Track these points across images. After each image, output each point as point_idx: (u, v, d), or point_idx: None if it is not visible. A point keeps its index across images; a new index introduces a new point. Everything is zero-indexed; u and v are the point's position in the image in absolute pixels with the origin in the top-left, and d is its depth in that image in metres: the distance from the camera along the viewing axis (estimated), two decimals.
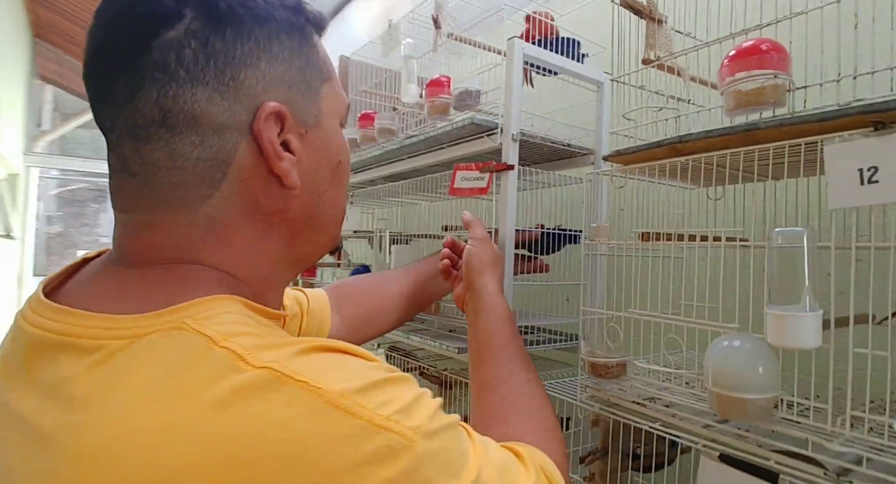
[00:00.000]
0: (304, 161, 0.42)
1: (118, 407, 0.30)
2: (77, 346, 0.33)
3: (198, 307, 0.35)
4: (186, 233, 0.38)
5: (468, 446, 0.38)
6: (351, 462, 0.30)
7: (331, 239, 0.49)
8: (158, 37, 0.36)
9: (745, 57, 0.59)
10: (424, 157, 1.17)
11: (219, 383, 0.30)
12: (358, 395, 0.32)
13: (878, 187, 0.50)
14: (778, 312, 0.54)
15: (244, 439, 0.29)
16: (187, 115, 0.37)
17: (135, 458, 0.28)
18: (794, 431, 0.58)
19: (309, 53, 0.43)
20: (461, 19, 1.13)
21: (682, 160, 0.68)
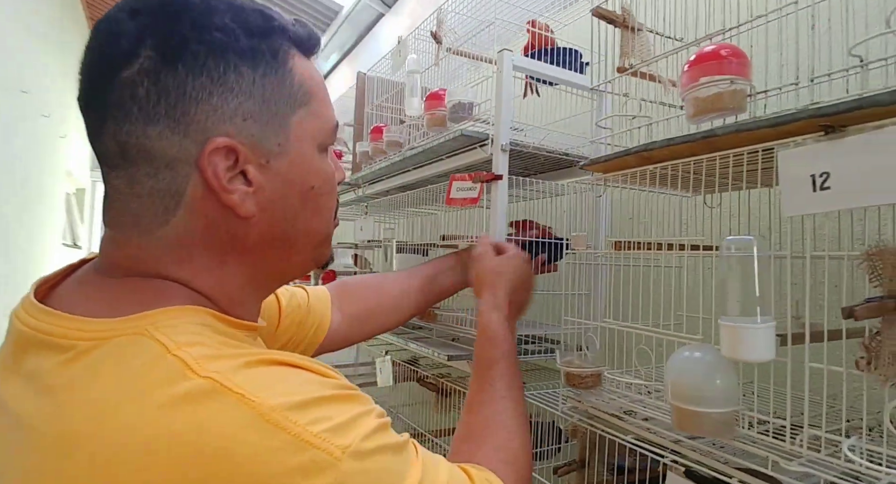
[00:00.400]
0: (265, 189, 0.42)
1: (82, 400, 0.34)
2: (54, 344, 0.36)
3: (162, 316, 0.37)
4: (150, 252, 0.41)
5: (406, 467, 0.39)
6: (275, 473, 0.32)
7: (308, 259, 0.49)
8: (116, 76, 0.38)
9: (702, 63, 0.58)
10: (428, 168, 1.19)
11: (166, 388, 0.33)
12: (291, 410, 0.34)
13: (829, 194, 0.48)
14: (729, 324, 0.52)
15: (180, 441, 0.32)
16: (141, 149, 0.39)
17: (88, 445, 0.32)
18: (757, 449, 0.56)
19: (277, 81, 0.42)
20: (481, 36, 1.16)
21: (651, 168, 0.67)
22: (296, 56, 0.44)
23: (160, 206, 0.40)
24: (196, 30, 0.38)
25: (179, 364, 0.34)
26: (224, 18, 0.40)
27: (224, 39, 0.39)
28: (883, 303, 0.45)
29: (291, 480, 0.32)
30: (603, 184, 0.78)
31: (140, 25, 0.38)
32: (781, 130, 0.52)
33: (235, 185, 0.41)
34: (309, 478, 0.32)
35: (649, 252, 0.66)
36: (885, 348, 0.46)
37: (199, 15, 0.39)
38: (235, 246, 0.44)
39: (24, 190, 2.65)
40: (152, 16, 0.38)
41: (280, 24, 0.43)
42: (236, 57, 0.40)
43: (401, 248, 1.29)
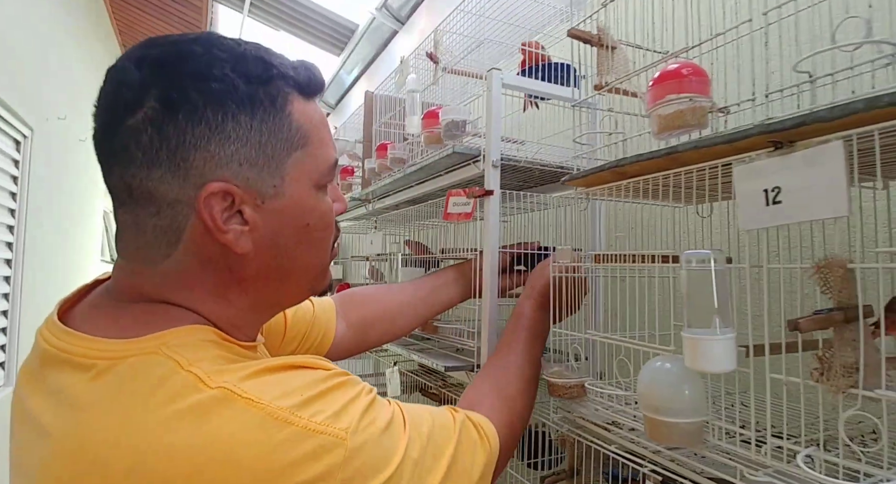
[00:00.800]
0: (261, 228, 0.45)
1: (104, 414, 0.38)
2: (75, 362, 0.41)
3: (171, 336, 0.41)
4: (155, 281, 0.45)
5: (397, 431, 0.45)
6: (288, 461, 0.37)
7: (306, 289, 0.53)
8: (123, 123, 0.41)
9: (664, 81, 0.60)
10: (429, 184, 1.23)
11: (181, 400, 0.37)
12: (295, 408, 0.39)
13: (781, 208, 0.49)
14: (690, 336, 0.54)
15: (197, 446, 0.36)
16: (145, 190, 0.42)
17: (109, 456, 0.36)
18: (727, 459, 0.57)
19: (274, 127, 0.45)
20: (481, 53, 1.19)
21: (625, 182, 0.69)
22: (295, 100, 0.47)
23: (162, 242, 0.44)
24: (196, 81, 0.41)
25: (193, 378, 0.38)
26: (224, 69, 0.42)
27: (223, 89, 0.42)
28: (829, 315, 0.46)
29: (304, 464, 0.37)
30: (586, 197, 0.80)
31: (145, 76, 0.41)
32: (736, 146, 0.53)
33: (231, 224, 0.44)
34: (319, 459, 0.38)
35: (625, 265, 0.68)
36: (836, 360, 0.47)
37: (200, 67, 0.42)
38: (234, 278, 0.47)
39: (66, 210, 2.81)
40: (156, 68, 0.42)
41: (280, 71, 0.46)
42: (234, 105, 0.42)
43: (406, 261, 1.32)
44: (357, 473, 0.39)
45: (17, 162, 2.10)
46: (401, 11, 2.71)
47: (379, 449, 0.42)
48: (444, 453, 0.49)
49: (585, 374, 0.76)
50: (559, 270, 0.80)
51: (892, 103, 0.42)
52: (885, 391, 0.44)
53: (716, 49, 0.61)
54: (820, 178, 0.46)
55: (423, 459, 0.46)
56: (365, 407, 0.43)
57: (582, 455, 0.77)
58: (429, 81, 1.25)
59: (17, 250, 2.09)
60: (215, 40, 0.44)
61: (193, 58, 0.42)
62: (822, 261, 0.48)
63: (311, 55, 3.55)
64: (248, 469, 0.36)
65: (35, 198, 2.21)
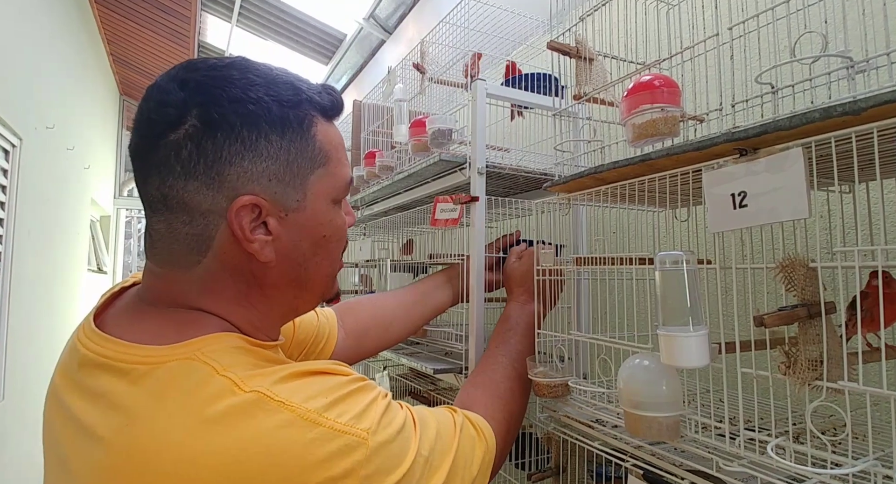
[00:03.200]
0: (283, 238, 0.49)
1: (148, 417, 0.41)
2: (115, 367, 0.43)
3: (204, 343, 0.44)
4: (186, 287, 0.48)
5: (410, 432, 0.48)
6: (318, 458, 0.40)
7: (318, 296, 0.56)
8: (164, 138, 0.45)
9: (637, 92, 0.63)
10: (417, 191, 1.25)
11: (218, 403, 0.40)
12: (322, 409, 0.42)
13: (747, 211, 0.52)
14: (664, 333, 0.56)
15: (236, 445, 0.39)
16: (180, 200, 0.46)
17: (153, 456, 0.39)
18: (703, 451, 0.59)
19: (301, 146, 0.49)
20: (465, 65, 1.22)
21: (604, 188, 0.72)
22: (319, 122, 0.50)
23: (193, 248, 0.47)
24: (234, 103, 0.45)
25: (228, 383, 0.41)
26: (259, 92, 0.46)
27: (258, 111, 0.46)
28: (793, 311, 0.49)
29: (331, 462, 0.40)
30: (568, 202, 0.83)
31: (187, 96, 0.45)
32: (706, 153, 0.56)
33: (257, 234, 0.47)
34: (346, 457, 0.41)
35: (605, 267, 0.70)
36: (801, 354, 0.50)
37: (238, 89, 0.46)
38: (257, 284, 0.50)
39: (54, 219, 2.79)
40: (198, 89, 0.45)
41: (307, 96, 0.49)
42: (267, 126, 0.46)
43: (395, 266, 1.34)
44: (377, 470, 0.43)
45: (5, 171, 2.09)
46: (388, 21, 2.75)
47: (395, 448, 0.45)
48: (449, 451, 0.52)
49: (570, 374, 0.78)
50: (543, 273, 0.82)
51: (846, 113, 0.45)
52: (848, 383, 0.47)
53: (685, 61, 0.64)
54: (782, 183, 0.49)
55: (431, 456, 0.49)
56: (383, 410, 0.46)
57: (567, 453, 0.79)
58: (416, 91, 1.28)
59: (4, 259, 2.08)
60: (250, 65, 0.48)
61: (231, 81, 0.46)
62: (785, 260, 0.50)
63: (298, 64, 3.58)
64: (283, 465, 0.39)
65: (23, 207, 2.21)
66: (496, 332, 0.87)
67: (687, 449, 0.62)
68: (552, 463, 0.82)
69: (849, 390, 0.46)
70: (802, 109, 0.49)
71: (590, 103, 0.79)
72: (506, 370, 0.78)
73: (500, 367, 0.79)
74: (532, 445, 0.95)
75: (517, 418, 0.73)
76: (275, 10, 3.16)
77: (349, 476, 0.41)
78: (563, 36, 0.80)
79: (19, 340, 2.21)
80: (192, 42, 3.58)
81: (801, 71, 0.54)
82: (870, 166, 0.53)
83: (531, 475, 0.82)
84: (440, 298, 1.02)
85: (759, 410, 0.61)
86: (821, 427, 0.63)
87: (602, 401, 0.74)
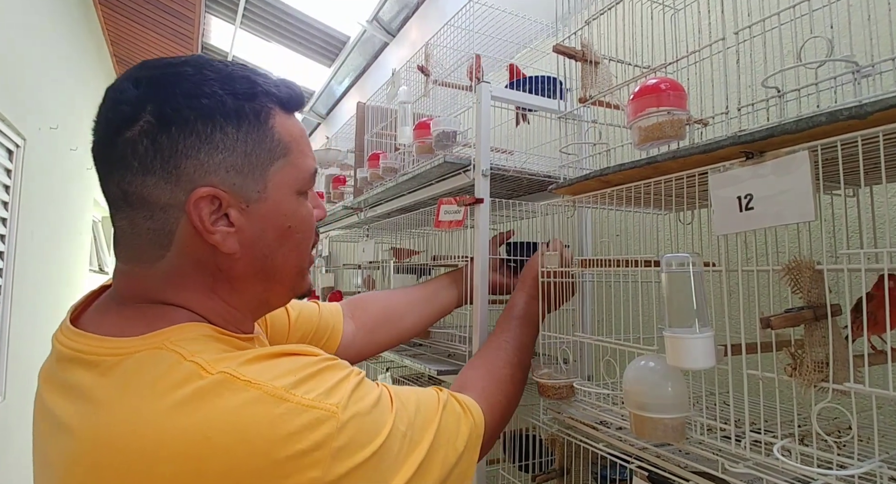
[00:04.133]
0: (246, 229, 0.49)
1: (113, 404, 0.41)
2: (85, 360, 0.44)
3: (173, 332, 0.45)
4: (152, 282, 0.49)
5: (385, 407, 0.48)
6: (286, 432, 0.40)
7: (288, 289, 0.56)
8: (120, 136, 0.45)
9: (644, 96, 0.63)
10: (420, 193, 1.26)
11: (185, 387, 0.41)
12: (289, 386, 0.43)
13: (753, 214, 0.53)
14: (670, 335, 0.57)
15: (202, 423, 0.39)
16: (140, 196, 0.46)
17: (121, 442, 0.39)
18: (708, 453, 0.59)
19: (258, 138, 0.49)
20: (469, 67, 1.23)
21: (609, 190, 0.72)
22: (277, 114, 0.51)
23: (156, 243, 0.48)
24: (188, 97, 0.46)
25: (195, 367, 0.42)
26: (213, 87, 0.47)
27: (212, 105, 0.46)
28: (800, 313, 0.49)
29: (301, 435, 0.40)
30: (573, 205, 0.83)
31: (141, 94, 0.46)
32: (712, 156, 0.57)
33: (218, 226, 0.48)
34: (314, 430, 0.41)
35: (609, 269, 0.71)
36: (807, 355, 0.50)
37: (191, 85, 0.46)
38: (224, 277, 0.51)
39: (57, 219, 2.80)
40: (152, 86, 0.46)
41: (263, 89, 0.50)
42: (222, 118, 0.47)
43: (399, 268, 1.35)
44: (350, 443, 0.43)
45: (9, 171, 2.10)
46: (391, 24, 2.76)
47: (368, 422, 0.45)
48: (429, 426, 0.52)
49: (574, 375, 0.79)
50: (547, 275, 0.83)
51: (853, 117, 0.46)
52: (854, 384, 0.47)
53: (692, 65, 0.65)
54: (788, 186, 0.50)
55: (411, 431, 0.49)
56: (354, 386, 0.47)
57: (572, 455, 0.79)
58: (420, 93, 1.29)
59: (7, 259, 2.08)
60: (205, 62, 0.49)
61: (185, 77, 0.47)
62: (791, 263, 0.51)
63: (302, 66, 3.59)
64: (250, 441, 0.39)
65: (27, 207, 2.21)
66: (502, 318, 0.87)
67: (692, 451, 0.63)
68: (556, 465, 0.82)
69: (855, 392, 0.46)
70: (808, 113, 0.49)
71: (595, 106, 0.80)
72: (507, 356, 0.79)
73: (501, 352, 0.80)
74: (536, 446, 0.95)
75: (513, 403, 0.74)
76: (278, 13, 3.17)
77: (319, 448, 0.41)
78: (569, 39, 0.81)
79: (21, 340, 2.22)
80: (195, 44, 3.60)
81: (806, 75, 0.54)
82: (875, 170, 0.53)
83: (535, 477, 0.82)
84: (447, 298, 1.03)
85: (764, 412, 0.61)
86: (825, 429, 0.63)
87: (606, 402, 0.74)
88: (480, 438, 0.59)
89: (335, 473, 0.41)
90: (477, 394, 0.65)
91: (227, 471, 0.38)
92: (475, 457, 0.57)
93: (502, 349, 0.80)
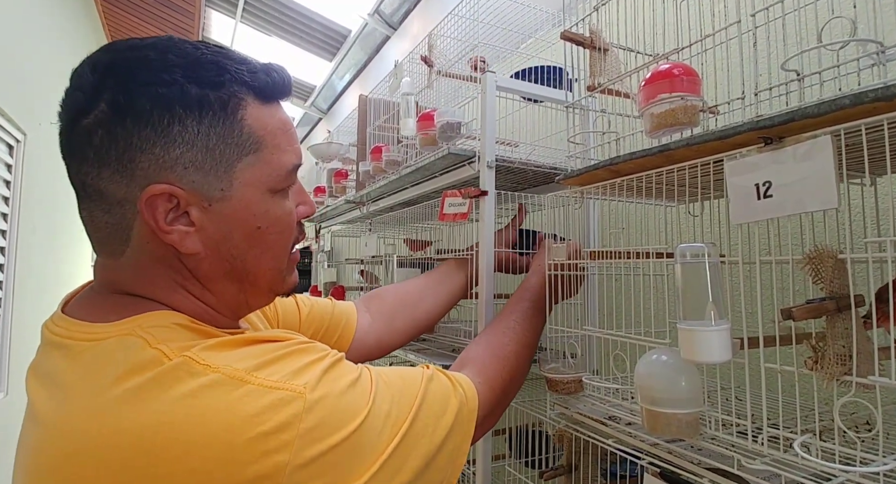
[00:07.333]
0: (208, 229, 0.46)
1: (77, 392, 0.40)
2: (62, 344, 0.44)
3: (146, 318, 0.44)
4: (120, 274, 0.47)
5: (364, 387, 0.46)
6: (247, 414, 0.38)
7: (266, 289, 0.53)
8: (77, 124, 0.43)
9: (656, 81, 0.61)
10: (424, 186, 1.24)
11: (145, 373, 0.39)
12: (251, 369, 0.41)
13: (772, 201, 0.51)
14: (685, 327, 0.55)
15: (159, 409, 0.38)
16: (96, 188, 0.44)
17: (81, 429, 0.38)
18: (724, 450, 0.58)
19: (224, 131, 0.45)
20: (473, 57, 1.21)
21: (619, 180, 0.70)
22: (249, 105, 0.46)
23: (115, 238, 0.46)
24: (145, 86, 0.42)
25: (158, 354, 0.40)
26: (175, 74, 0.43)
27: (170, 94, 0.43)
28: (822, 304, 0.47)
29: (263, 416, 0.38)
30: (581, 196, 0.81)
31: (97, 80, 0.43)
32: (728, 143, 0.55)
33: (176, 225, 0.45)
34: (279, 410, 0.39)
35: (619, 260, 0.69)
36: (829, 348, 0.48)
37: (150, 72, 0.43)
38: (193, 276, 0.48)
39: (58, 215, 2.78)
40: (108, 72, 0.43)
41: (234, 76, 0.46)
42: (182, 110, 0.43)
43: (402, 262, 1.33)
44: (320, 424, 0.40)
45: (9, 166, 2.09)
46: (393, 17, 2.73)
47: (342, 403, 0.43)
48: (413, 401, 0.50)
49: (582, 370, 0.77)
50: (554, 267, 0.81)
51: (878, 99, 0.44)
52: (879, 378, 0.45)
53: (705, 51, 0.63)
54: (810, 172, 0.48)
55: (393, 409, 0.47)
56: (326, 367, 0.44)
57: (580, 451, 0.78)
58: (423, 85, 1.26)
59: (9, 255, 2.07)
60: (172, 45, 0.45)
61: (146, 63, 0.43)
62: (812, 252, 0.49)
63: (302, 60, 3.56)
64: (208, 425, 0.37)
65: (27, 203, 2.20)
66: (513, 298, 0.85)
67: (705, 447, 0.61)
68: (564, 461, 0.80)
69: (879, 386, 0.45)
70: (830, 96, 0.47)
71: (604, 95, 0.78)
72: (515, 335, 0.77)
73: (509, 331, 0.78)
74: (543, 442, 0.93)
75: (516, 382, 0.72)
76: (279, 6, 3.14)
77: (285, 430, 0.38)
78: (577, 26, 0.79)
79: (24, 335, 2.21)
80: (195, 38, 3.57)
81: (829, 59, 0.52)
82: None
83: (543, 473, 0.81)
84: (457, 281, 1.01)
85: (780, 407, 0.60)
86: (844, 425, 0.61)
87: (616, 397, 0.73)
88: (474, 413, 0.56)
89: (305, 456, 0.39)
90: (477, 370, 0.64)
91: (182, 457, 0.37)
92: (469, 432, 0.54)
93: (511, 329, 0.78)
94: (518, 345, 0.75)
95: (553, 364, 0.81)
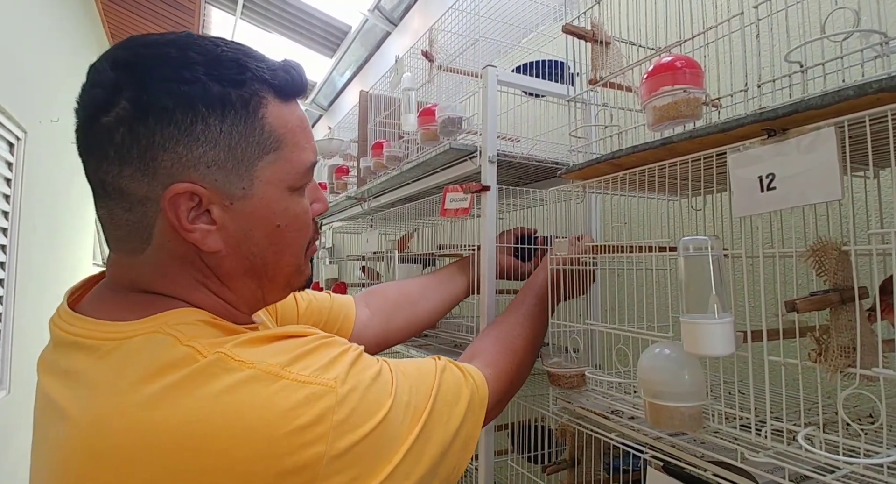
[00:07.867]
0: (230, 227, 0.47)
1: (109, 390, 0.40)
2: (84, 345, 0.43)
3: (169, 317, 0.44)
4: (139, 272, 0.47)
5: (386, 379, 0.47)
6: (283, 409, 0.39)
7: (284, 285, 0.54)
8: (97, 122, 0.42)
9: (658, 74, 0.61)
10: (425, 181, 1.24)
11: (180, 370, 0.40)
12: (284, 365, 0.42)
13: (775, 194, 0.51)
14: (688, 320, 0.55)
15: (196, 405, 0.38)
16: (117, 187, 0.44)
17: (119, 427, 0.38)
18: (728, 443, 0.58)
19: (245, 130, 0.45)
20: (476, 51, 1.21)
21: (622, 174, 0.70)
22: (270, 103, 0.47)
23: (135, 236, 0.46)
24: (167, 83, 0.42)
25: (191, 351, 0.41)
26: (196, 72, 0.43)
27: (193, 92, 0.42)
28: (826, 296, 0.47)
29: (299, 410, 0.40)
30: (583, 190, 0.81)
31: (118, 77, 0.42)
32: (731, 135, 0.55)
33: (198, 223, 0.45)
34: (313, 404, 0.40)
35: (622, 255, 0.69)
36: (833, 340, 0.48)
37: (172, 69, 0.43)
38: (214, 274, 0.49)
39: (59, 212, 2.79)
40: (129, 69, 0.43)
41: (255, 74, 0.46)
42: (204, 108, 0.43)
43: (403, 258, 1.33)
44: (351, 415, 0.42)
45: (10, 164, 2.09)
46: (393, 13, 2.72)
47: (370, 395, 0.44)
48: (429, 391, 0.52)
49: (585, 364, 0.77)
50: (558, 262, 0.81)
51: (882, 89, 0.43)
52: (883, 370, 0.45)
53: (708, 44, 0.62)
54: (813, 164, 0.47)
55: (412, 399, 0.49)
56: (352, 361, 0.46)
57: (583, 445, 0.78)
58: (424, 80, 1.26)
59: (10, 252, 2.07)
60: (192, 42, 0.44)
61: (167, 60, 0.43)
62: (816, 244, 0.49)
63: (303, 57, 3.55)
64: (246, 419, 0.38)
65: (28, 200, 2.20)
66: (520, 294, 0.86)
67: (708, 440, 0.61)
68: (566, 455, 0.81)
69: (884, 378, 0.45)
70: (834, 88, 0.47)
71: (605, 88, 0.77)
72: (523, 329, 0.78)
73: (517, 325, 0.79)
74: (546, 437, 0.93)
75: (523, 374, 0.74)
76: (279, 3, 3.13)
77: (320, 423, 0.40)
78: (579, 20, 0.79)
79: (25, 333, 2.21)
80: None
81: (832, 50, 0.52)
82: None
83: (546, 467, 0.81)
84: (458, 285, 1.02)
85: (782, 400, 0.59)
86: (848, 417, 0.61)
87: (619, 391, 0.73)
88: (485, 401, 0.58)
89: (339, 447, 0.40)
90: (486, 362, 0.65)
91: (223, 451, 0.37)
92: (479, 420, 0.57)
93: (518, 324, 0.79)
94: (525, 339, 0.76)
95: (555, 359, 0.81)
